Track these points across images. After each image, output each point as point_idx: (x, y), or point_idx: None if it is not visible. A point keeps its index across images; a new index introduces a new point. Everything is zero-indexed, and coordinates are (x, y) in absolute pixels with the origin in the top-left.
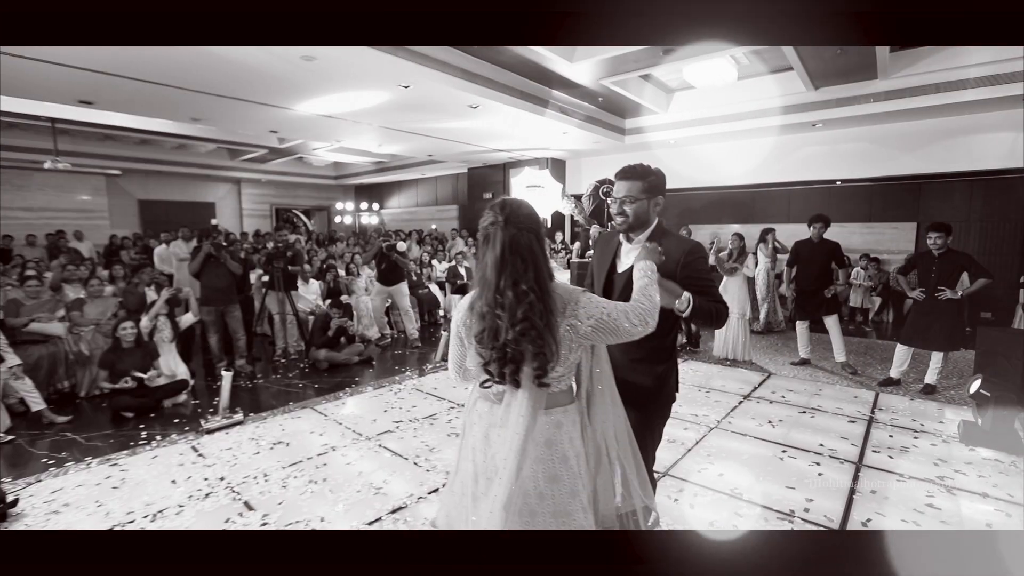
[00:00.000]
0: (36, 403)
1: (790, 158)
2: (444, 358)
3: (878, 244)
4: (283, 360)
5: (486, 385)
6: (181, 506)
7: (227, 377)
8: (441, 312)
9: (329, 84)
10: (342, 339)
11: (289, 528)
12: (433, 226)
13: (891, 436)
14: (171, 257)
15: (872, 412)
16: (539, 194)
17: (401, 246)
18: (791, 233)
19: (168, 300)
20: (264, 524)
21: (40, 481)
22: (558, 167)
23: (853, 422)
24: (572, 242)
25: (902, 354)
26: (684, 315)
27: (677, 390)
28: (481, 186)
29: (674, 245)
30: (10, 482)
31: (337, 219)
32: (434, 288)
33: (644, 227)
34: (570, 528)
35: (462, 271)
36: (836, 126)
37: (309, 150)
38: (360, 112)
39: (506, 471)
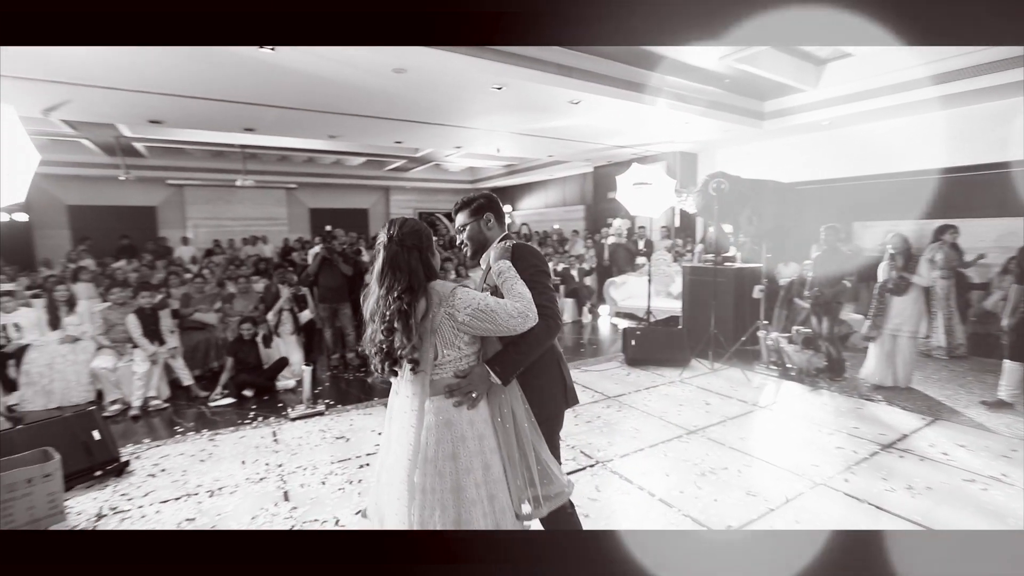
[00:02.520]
0: (186, 379)
1: (994, 133)
2: None
3: None
4: None
5: (386, 379)
6: (237, 486)
7: (307, 371)
8: None
9: (426, 94)
10: None
11: (306, 524)
12: (556, 226)
13: None
14: None
15: None
16: (647, 191)
17: None
18: (1007, 230)
19: (293, 297)
20: (288, 517)
21: (159, 446)
22: (688, 161)
23: None
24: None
25: None
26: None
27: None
28: (607, 185)
29: (501, 252)
30: (146, 444)
31: None
32: None
33: (484, 248)
34: (462, 502)
35: (575, 274)
36: None
37: (442, 157)
38: (462, 118)
39: (402, 449)
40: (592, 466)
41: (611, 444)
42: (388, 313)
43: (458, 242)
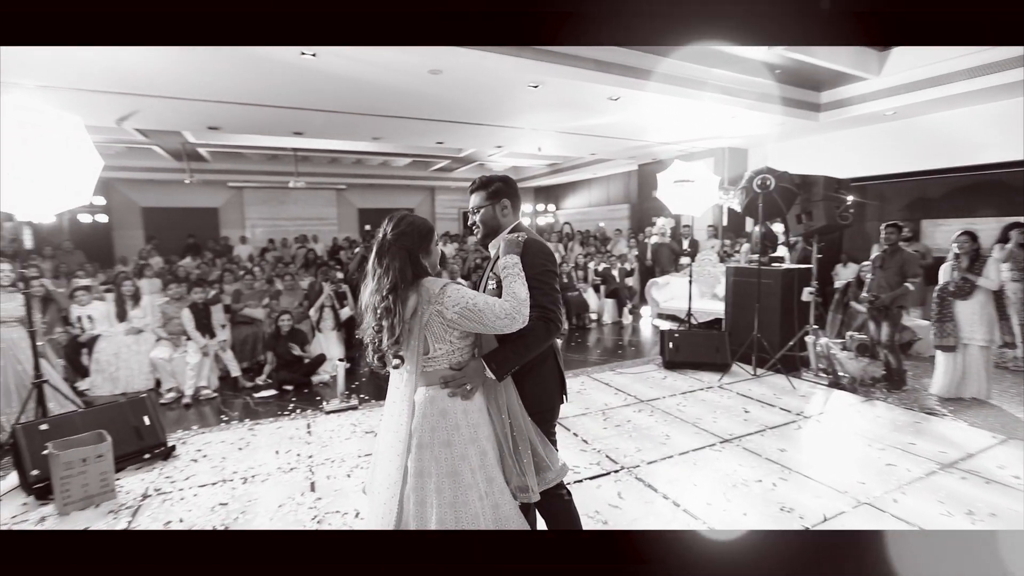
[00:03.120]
0: (234, 370)
1: None
2: None
3: None
4: None
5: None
6: (269, 475)
7: (341, 367)
8: (593, 315)
9: (462, 94)
10: None
11: (328, 515)
12: (601, 224)
13: None
14: None
15: None
16: (689, 189)
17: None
18: None
19: (334, 294)
20: (312, 507)
21: (204, 433)
22: (737, 156)
23: None
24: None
25: None
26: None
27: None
28: (651, 183)
29: (511, 246)
30: (194, 431)
31: None
32: (590, 291)
33: (495, 233)
34: (459, 485)
35: (615, 274)
36: None
37: (486, 157)
38: (499, 117)
39: (392, 436)
40: (616, 471)
41: (639, 450)
42: (378, 309)
43: (469, 222)
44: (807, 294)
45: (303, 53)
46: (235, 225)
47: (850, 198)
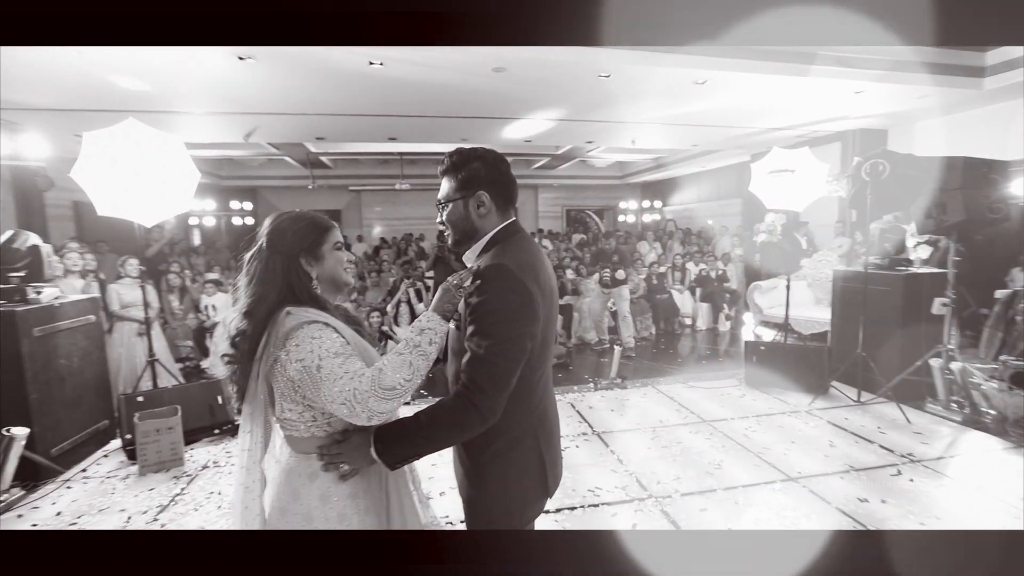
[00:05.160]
0: None
1: None
2: (619, 375)
3: None
4: None
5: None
6: None
7: None
8: (687, 320)
9: (532, 89)
10: None
11: None
12: (710, 221)
13: None
14: None
15: None
16: (789, 180)
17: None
18: None
19: (413, 291)
20: None
21: None
22: (873, 139)
23: None
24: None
25: None
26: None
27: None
28: None
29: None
30: None
31: (620, 218)
32: (686, 293)
33: (470, 240)
34: None
35: (714, 275)
36: None
37: (584, 153)
38: (578, 111)
39: (247, 493)
40: (642, 500)
41: (677, 478)
42: (236, 334)
43: (437, 220)
44: (939, 306)
45: (371, 63)
46: (355, 225)
47: (1013, 185)
